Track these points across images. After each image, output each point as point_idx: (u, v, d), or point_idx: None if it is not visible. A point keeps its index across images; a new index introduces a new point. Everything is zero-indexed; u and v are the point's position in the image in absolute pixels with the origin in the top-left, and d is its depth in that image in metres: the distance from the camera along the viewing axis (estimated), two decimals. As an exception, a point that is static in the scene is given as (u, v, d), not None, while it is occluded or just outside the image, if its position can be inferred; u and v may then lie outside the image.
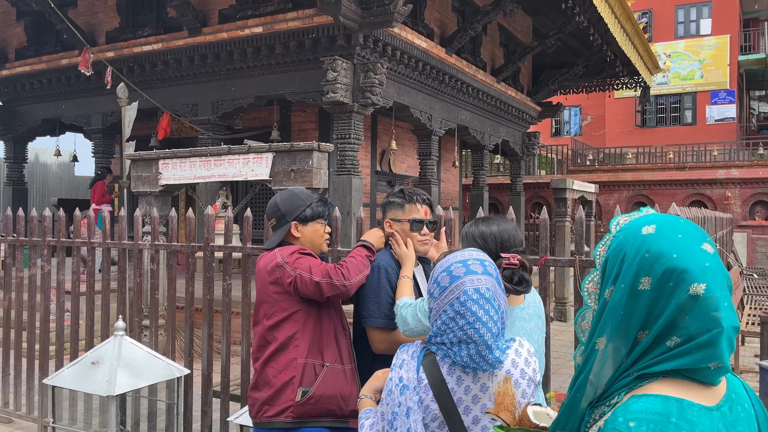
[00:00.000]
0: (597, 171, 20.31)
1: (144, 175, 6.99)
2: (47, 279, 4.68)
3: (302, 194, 2.60)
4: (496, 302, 1.62)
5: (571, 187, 10.27)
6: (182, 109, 10.05)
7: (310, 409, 2.37)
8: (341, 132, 8.49)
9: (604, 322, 1.01)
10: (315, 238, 2.57)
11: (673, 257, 0.97)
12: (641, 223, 1.04)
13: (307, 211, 2.53)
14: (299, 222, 2.53)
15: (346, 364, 2.49)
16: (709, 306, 0.94)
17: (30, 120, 12.11)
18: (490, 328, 1.59)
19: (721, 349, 0.95)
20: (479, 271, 1.64)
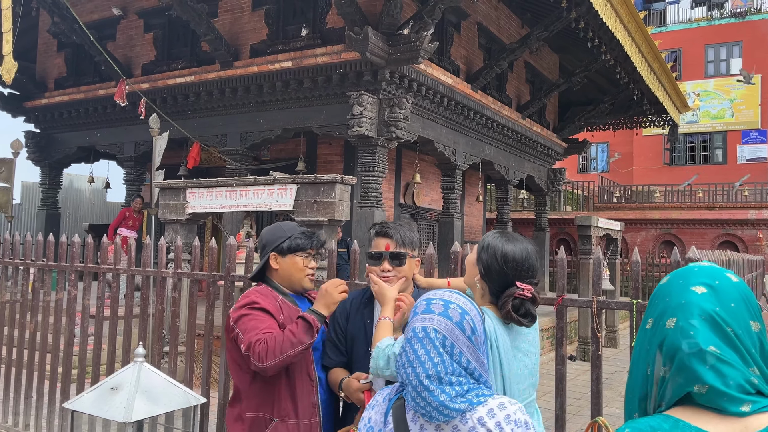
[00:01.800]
0: (624, 208, 20.09)
1: (172, 203, 7.15)
2: (73, 303, 4.78)
3: (285, 226, 2.53)
4: (446, 346, 1.49)
5: (596, 225, 10.17)
6: (212, 140, 10.29)
7: None
8: (365, 165, 8.60)
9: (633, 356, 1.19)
10: (293, 272, 2.47)
11: (666, 300, 1.13)
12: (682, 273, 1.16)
13: (284, 243, 2.45)
14: (278, 253, 2.46)
15: (303, 419, 2.35)
16: (674, 338, 1.07)
17: (66, 147, 12.50)
18: (427, 368, 1.48)
19: (698, 372, 1.03)
20: (437, 312, 1.55)
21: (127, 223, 11.15)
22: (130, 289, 4.66)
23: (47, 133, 12.69)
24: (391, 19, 8.21)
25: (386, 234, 2.33)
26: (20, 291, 5.16)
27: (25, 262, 5.05)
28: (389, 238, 2.33)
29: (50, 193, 13.05)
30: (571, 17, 8.92)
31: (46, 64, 12.74)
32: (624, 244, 18.48)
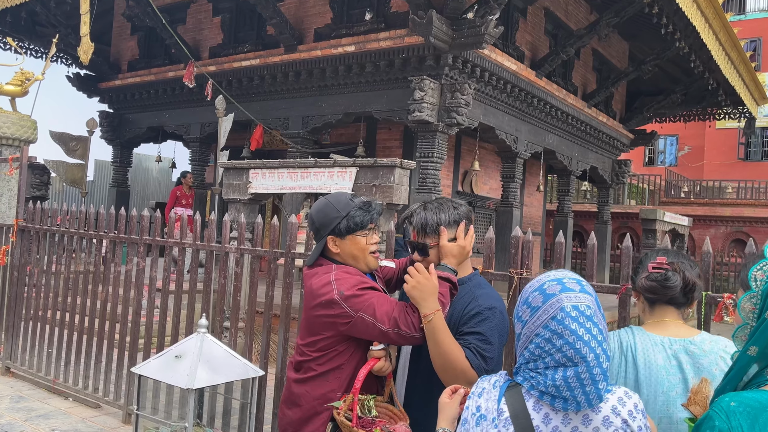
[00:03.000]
0: (692, 204, 19.29)
1: (235, 183, 7.33)
2: (141, 275, 4.99)
3: (338, 203, 2.23)
4: (600, 324, 1.40)
5: (661, 219, 9.82)
6: (274, 123, 10.47)
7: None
8: (424, 150, 8.56)
9: (759, 336, 1.19)
10: (356, 253, 2.23)
11: None
12: None
13: (342, 224, 2.19)
14: (335, 236, 2.21)
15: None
16: None
17: (136, 127, 12.99)
18: (594, 348, 1.36)
19: None
20: (576, 289, 1.44)
21: (181, 202, 11.52)
22: (195, 263, 4.82)
23: (119, 113, 13.22)
24: (456, 3, 8.10)
25: (410, 221, 2.16)
26: (93, 262, 5.42)
27: (98, 233, 5.29)
28: (411, 226, 2.17)
29: (121, 171, 13.61)
30: (644, 2, 8.58)
31: (120, 46, 13.24)
32: (691, 241, 17.76)
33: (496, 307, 2.08)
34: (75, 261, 5.56)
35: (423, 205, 2.16)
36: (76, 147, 10.28)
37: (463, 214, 2.17)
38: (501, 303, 2.13)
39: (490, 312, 2.05)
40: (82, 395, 5.29)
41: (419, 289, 1.98)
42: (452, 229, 2.14)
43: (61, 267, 5.69)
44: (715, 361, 1.89)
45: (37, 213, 6.00)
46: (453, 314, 2.09)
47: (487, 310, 2.05)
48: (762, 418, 1.11)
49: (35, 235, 5.97)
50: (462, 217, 2.16)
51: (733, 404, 1.14)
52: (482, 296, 2.11)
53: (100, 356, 5.26)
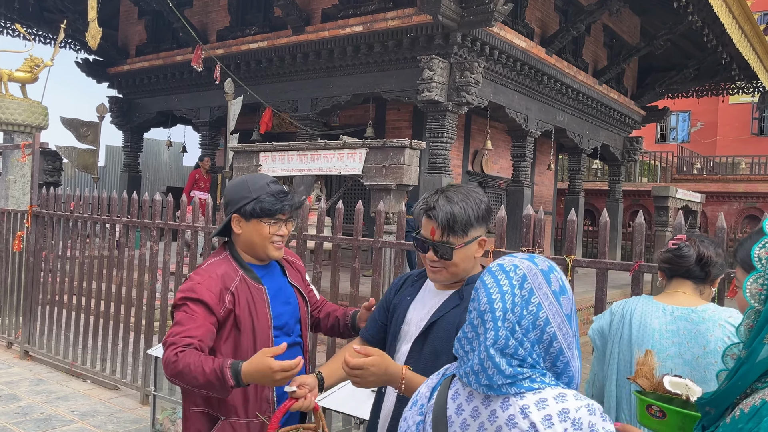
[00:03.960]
0: (705, 180, 19.12)
1: (245, 166, 7.35)
2: (155, 259, 5.04)
3: (253, 184, 2.07)
4: (524, 288, 1.19)
5: (674, 196, 9.74)
6: (283, 105, 10.45)
7: None
8: (434, 130, 8.52)
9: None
10: (255, 239, 2.05)
11: None
12: None
13: (248, 206, 2.03)
14: (240, 216, 2.06)
15: (253, 416, 2.03)
16: None
17: (146, 112, 13.02)
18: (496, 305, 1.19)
19: None
20: (519, 257, 1.27)
21: (199, 185, 11.57)
22: (207, 246, 4.86)
23: (129, 98, 13.24)
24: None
25: (430, 214, 1.75)
26: (107, 246, 5.47)
27: (112, 218, 5.34)
28: (433, 221, 1.75)
29: (132, 156, 13.67)
30: (656, -25, 8.43)
31: (127, 31, 13.22)
32: (704, 218, 17.63)
33: None
34: (89, 246, 5.62)
35: (444, 194, 1.77)
36: (87, 133, 10.32)
37: (488, 209, 1.82)
38: None
39: None
40: (100, 377, 5.38)
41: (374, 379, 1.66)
42: (481, 226, 1.79)
43: (75, 252, 5.75)
44: (712, 327, 1.96)
45: (50, 199, 6.05)
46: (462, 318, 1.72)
47: None
48: None
49: (49, 220, 6.03)
50: (489, 213, 1.82)
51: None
52: None
53: (117, 339, 5.33)
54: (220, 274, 2.01)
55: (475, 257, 1.81)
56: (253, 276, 2.08)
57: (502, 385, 1.16)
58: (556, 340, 1.18)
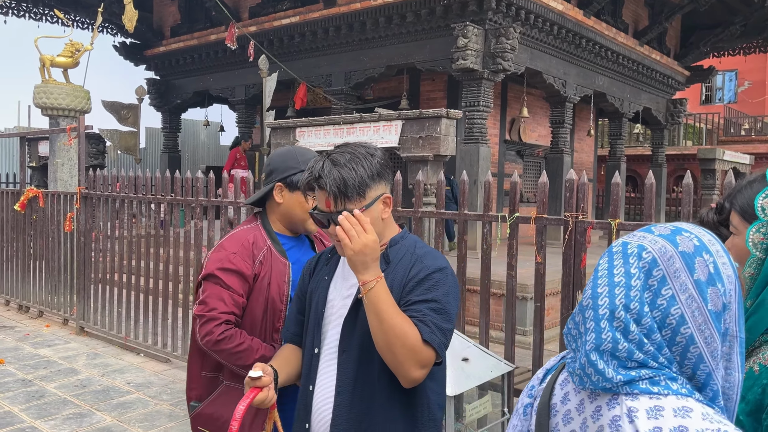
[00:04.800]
0: (753, 141, 18.42)
1: (282, 142, 7.40)
2: (199, 236, 5.15)
3: (302, 156, 2.05)
4: (652, 275, 0.94)
5: (720, 158, 9.43)
6: (317, 80, 10.45)
7: (203, 424, 2.04)
8: (470, 99, 8.42)
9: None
10: (296, 211, 2.03)
11: None
12: None
13: (296, 176, 2.00)
14: (285, 186, 2.03)
15: None
16: None
17: (182, 92, 13.20)
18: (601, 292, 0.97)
19: None
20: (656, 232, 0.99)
21: (240, 164, 11.73)
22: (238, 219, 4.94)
23: (166, 79, 13.43)
24: (498, -56, 7.81)
25: (318, 184, 1.57)
26: (152, 225, 5.62)
27: (156, 197, 5.47)
28: (324, 191, 1.57)
29: (171, 137, 13.91)
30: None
31: (162, 12, 13.35)
32: (752, 181, 17.05)
33: (447, 268, 1.64)
34: (136, 225, 5.79)
35: (330, 159, 1.59)
36: (128, 115, 10.54)
37: (383, 162, 1.64)
38: (448, 262, 1.71)
39: (441, 274, 1.61)
40: (152, 351, 5.58)
41: (364, 253, 1.49)
42: (379, 184, 1.61)
43: (123, 231, 5.93)
44: None
45: (97, 180, 6.22)
46: (393, 282, 1.60)
47: (438, 272, 1.60)
48: None
49: (97, 201, 6.22)
50: (385, 167, 1.64)
51: None
52: (427, 256, 1.64)
53: (166, 314, 5.51)
54: (251, 242, 2.01)
55: (383, 218, 1.64)
56: (280, 249, 2.06)
57: (611, 386, 0.94)
58: (694, 345, 0.91)
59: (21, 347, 5.88)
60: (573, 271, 3.10)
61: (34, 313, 7.26)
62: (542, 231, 3.22)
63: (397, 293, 1.59)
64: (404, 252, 1.66)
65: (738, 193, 1.26)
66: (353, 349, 1.62)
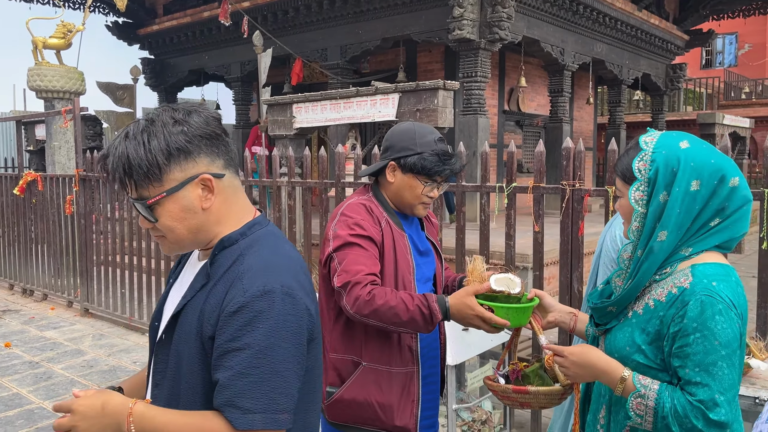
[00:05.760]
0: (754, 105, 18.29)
1: (279, 119, 7.37)
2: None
3: (421, 137, 1.94)
4: None
5: (721, 122, 9.38)
6: (312, 55, 10.36)
7: (340, 414, 1.91)
8: (467, 70, 8.34)
9: (665, 220, 1.33)
10: (406, 194, 1.95)
11: (712, 162, 1.33)
12: (675, 140, 1.37)
13: (411, 159, 1.91)
14: (398, 166, 1.94)
15: (396, 366, 1.89)
16: (742, 191, 1.34)
17: (178, 71, 13.09)
18: None
19: (748, 220, 1.35)
20: None
21: (260, 141, 11.69)
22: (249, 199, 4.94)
23: (160, 58, 13.31)
24: None
25: (104, 166, 1.23)
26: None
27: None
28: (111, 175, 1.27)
29: (168, 117, 13.83)
30: None
31: (153, -10, 13.18)
32: (753, 145, 16.98)
33: (274, 291, 1.12)
34: (136, 205, 5.79)
35: (126, 131, 1.21)
36: (123, 96, 10.48)
37: (193, 132, 1.20)
38: (286, 281, 1.15)
39: (264, 302, 1.11)
40: (157, 330, 5.63)
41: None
42: (189, 162, 1.19)
43: (123, 213, 5.94)
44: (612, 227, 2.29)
45: (95, 162, 6.21)
46: (204, 312, 1.16)
47: (258, 299, 1.11)
48: (732, 285, 1.30)
49: (96, 183, 6.21)
50: (199, 138, 1.20)
51: (715, 284, 1.28)
52: (250, 272, 1.15)
53: (170, 293, 5.54)
54: (370, 208, 1.93)
55: (205, 208, 1.20)
56: (397, 221, 1.97)
57: None
58: None
59: (27, 330, 5.94)
60: (571, 239, 3.10)
61: (38, 297, 7.32)
62: (540, 200, 3.22)
63: (212, 329, 1.13)
64: (234, 258, 1.19)
65: (619, 161, 1.45)
66: (165, 379, 1.22)
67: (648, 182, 1.36)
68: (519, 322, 1.69)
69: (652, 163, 1.36)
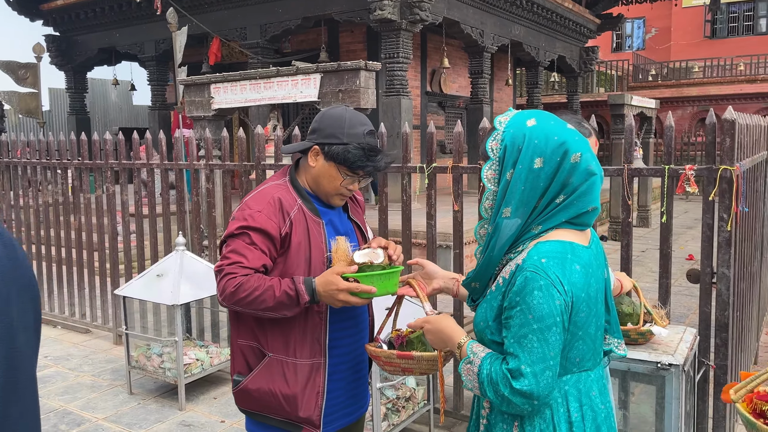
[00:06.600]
0: (660, 86, 19.32)
1: (197, 100, 7.13)
2: (112, 200, 4.93)
3: (351, 128, 1.85)
4: None
5: (629, 103, 9.85)
6: (231, 34, 10.05)
7: (247, 402, 1.91)
8: (389, 51, 8.34)
9: (509, 197, 1.34)
10: (324, 182, 1.87)
11: (555, 139, 1.33)
12: (523, 118, 1.37)
13: (335, 148, 1.83)
14: (322, 152, 1.85)
15: (302, 358, 1.85)
16: (585, 165, 1.33)
17: (87, 49, 12.37)
18: None
19: (595, 194, 1.36)
20: None
21: (186, 122, 11.23)
22: (165, 184, 4.76)
23: (67, 35, 12.53)
24: None
25: None
26: (60, 192, 5.32)
27: (62, 162, 5.17)
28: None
29: (77, 97, 13.10)
30: None
31: (56, -38, 12.35)
32: (659, 123, 17.97)
33: None
34: (42, 192, 5.46)
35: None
36: (26, 75, 9.82)
37: None
38: None
39: None
40: (70, 322, 5.37)
41: None
42: None
43: (28, 200, 5.59)
44: None
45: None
46: None
47: None
48: (567, 263, 1.30)
49: None
50: None
51: (544, 260, 1.29)
52: None
53: (83, 284, 5.29)
54: (277, 198, 1.85)
55: None
56: (312, 208, 1.89)
57: None
58: None
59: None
60: (489, 217, 3.18)
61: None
62: (459, 180, 3.28)
63: None
64: None
65: (481, 143, 1.47)
66: None
67: (499, 161, 1.37)
68: (386, 289, 1.72)
69: (502, 142, 1.36)
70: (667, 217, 2.72)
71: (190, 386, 3.96)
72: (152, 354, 3.96)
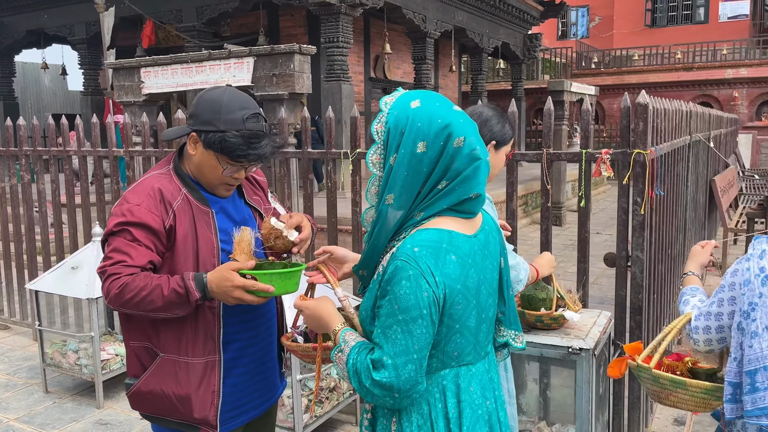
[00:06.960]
0: (602, 74, 19.73)
1: (127, 84, 6.84)
2: (28, 189, 4.67)
3: (229, 111, 1.68)
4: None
5: (568, 89, 10.00)
6: (166, 16, 9.69)
7: (142, 406, 1.82)
8: (329, 35, 8.20)
9: (392, 183, 1.27)
10: (206, 172, 1.74)
11: (439, 122, 1.25)
12: (408, 99, 1.30)
13: (210, 135, 1.67)
14: (200, 139, 1.70)
15: (195, 357, 1.74)
16: (469, 149, 1.27)
17: (13, 32, 11.75)
18: None
19: (480, 180, 1.30)
20: None
21: (119, 108, 10.76)
22: (99, 172, 4.53)
23: (-9, 17, 11.87)
24: None
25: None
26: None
27: (-27, 149, 4.86)
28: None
29: (4, 82, 12.45)
30: None
31: (-23, -62, 11.64)
32: (600, 110, 18.35)
33: None
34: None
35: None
36: (-57, 58, 9.23)
37: None
38: None
39: None
40: (-13, 319, 5.08)
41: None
42: None
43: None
44: None
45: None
46: None
47: None
48: (441, 253, 1.23)
49: None
50: None
51: (416, 249, 1.22)
52: None
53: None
54: (157, 189, 1.70)
55: None
56: (199, 197, 1.76)
57: None
58: None
59: None
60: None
61: None
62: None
63: None
64: None
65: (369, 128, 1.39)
66: None
67: (384, 145, 1.29)
68: (285, 288, 1.63)
69: (386, 125, 1.29)
70: (585, 202, 2.72)
71: (110, 383, 3.80)
72: (68, 350, 3.78)
